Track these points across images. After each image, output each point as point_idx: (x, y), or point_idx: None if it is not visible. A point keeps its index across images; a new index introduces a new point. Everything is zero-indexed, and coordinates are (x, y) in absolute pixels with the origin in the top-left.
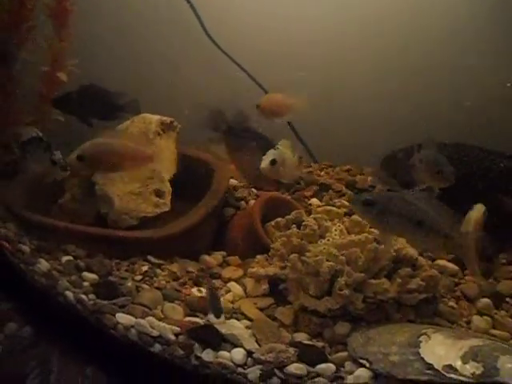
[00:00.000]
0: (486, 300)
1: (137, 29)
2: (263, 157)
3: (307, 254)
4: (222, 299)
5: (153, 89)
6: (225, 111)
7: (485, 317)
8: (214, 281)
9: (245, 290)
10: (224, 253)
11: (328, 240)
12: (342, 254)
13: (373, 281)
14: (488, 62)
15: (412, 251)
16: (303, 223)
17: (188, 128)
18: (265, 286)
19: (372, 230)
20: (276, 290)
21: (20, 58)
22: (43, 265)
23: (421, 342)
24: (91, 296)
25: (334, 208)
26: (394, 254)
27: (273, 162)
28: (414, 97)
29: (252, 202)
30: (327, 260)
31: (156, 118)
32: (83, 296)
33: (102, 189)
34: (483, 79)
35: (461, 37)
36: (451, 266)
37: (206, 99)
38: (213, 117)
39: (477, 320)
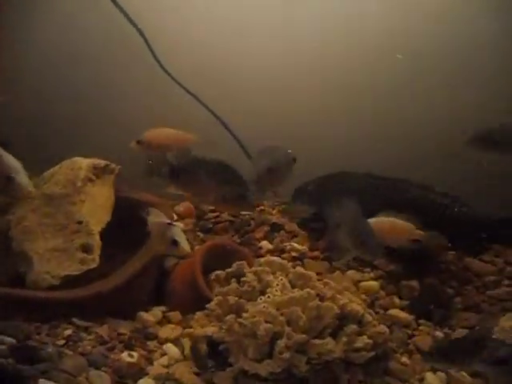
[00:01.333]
0: None
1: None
2: None
3: (244, 314)
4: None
5: (100, 123)
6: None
7: (438, 373)
8: (148, 342)
9: (183, 352)
10: (164, 308)
11: (268, 297)
12: (282, 314)
13: (316, 341)
14: None
15: (358, 307)
16: (242, 279)
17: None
18: (204, 348)
19: (316, 283)
20: (216, 351)
21: None
22: None
23: None
24: (10, 360)
25: (276, 259)
26: (339, 310)
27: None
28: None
29: (197, 248)
30: (266, 321)
31: (86, 162)
32: (1, 360)
33: (20, 246)
34: None
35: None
36: (404, 315)
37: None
38: (150, 165)
39: (430, 377)
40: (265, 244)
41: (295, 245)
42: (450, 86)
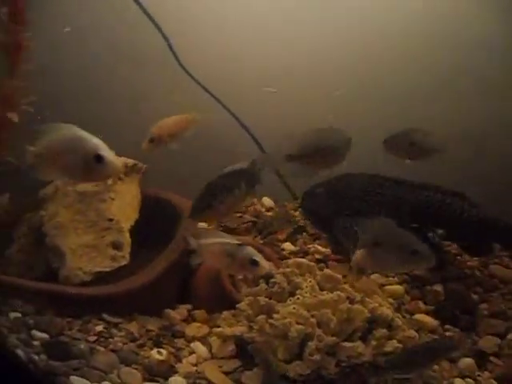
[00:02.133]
0: (468, 360)
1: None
2: None
3: (275, 315)
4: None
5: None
6: None
7: (467, 379)
8: (176, 340)
9: (210, 350)
10: (189, 306)
11: (298, 299)
12: (313, 316)
13: (346, 344)
14: None
15: (388, 311)
16: (271, 280)
17: None
18: (231, 347)
19: (345, 286)
20: (243, 351)
21: None
22: None
23: None
24: (43, 356)
25: (305, 261)
26: (369, 314)
27: None
28: None
29: None
30: (297, 322)
31: None
32: (35, 356)
33: (53, 241)
34: None
35: None
36: (430, 320)
37: None
38: None
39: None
40: (287, 246)
41: (319, 247)
42: None
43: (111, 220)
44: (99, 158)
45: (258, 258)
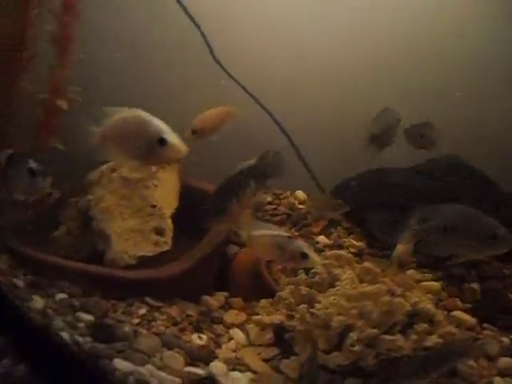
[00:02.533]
0: (507, 359)
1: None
2: None
3: (317, 305)
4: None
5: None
6: None
7: (506, 378)
8: (215, 326)
9: (248, 337)
10: (226, 293)
11: (338, 290)
12: (354, 307)
13: (386, 337)
14: None
15: (429, 305)
16: (312, 270)
17: None
18: (270, 335)
19: (385, 279)
20: (281, 339)
21: None
22: (38, 302)
23: None
24: (87, 339)
25: (343, 253)
26: (410, 308)
27: None
28: None
29: None
30: (338, 313)
31: None
32: (79, 338)
33: (100, 224)
34: None
35: None
36: (468, 318)
37: None
38: None
39: (498, 382)
40: (322, 239)
41: (353, 241)
42: None
43: (154, 206)
44: (162, 141)
45: (309, 251)
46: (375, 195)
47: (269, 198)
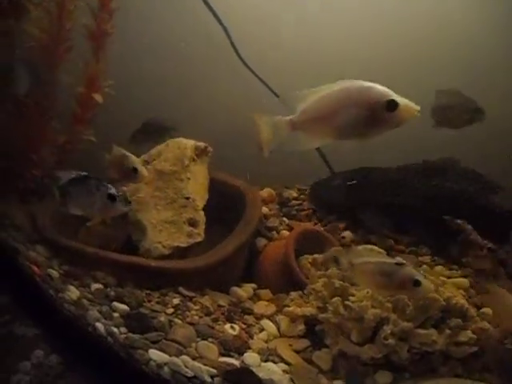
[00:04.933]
0: None
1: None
2: None
3: (351, 298)
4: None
5: (182, 110)
6: None
7: None
8: (246, 317)
9: (278, 329)
10: (254, 285)
11: None
12: (388, 301)
13: (420, 331)
14: None
15: (462, 301)
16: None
17: None
18: (301, 327)
19: None
20: (312, 331)
21: (30, 81)
22: (73, 292)
23: None
24: (122, 329)
25: (375, 247)
26: (444, 303)
27: None
28: None
29: (283, 232)
30: (372, 306)
31: (191, 142)
32: (114, 328)
33: (136, 215)
34: None
35: None
36: None
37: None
38: None
39: None
40: (348, 234)
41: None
42: None
43: (188, 198)
44: (391, 105)
45: (420, 277)
46: (365, 193)
47: (294, 194)
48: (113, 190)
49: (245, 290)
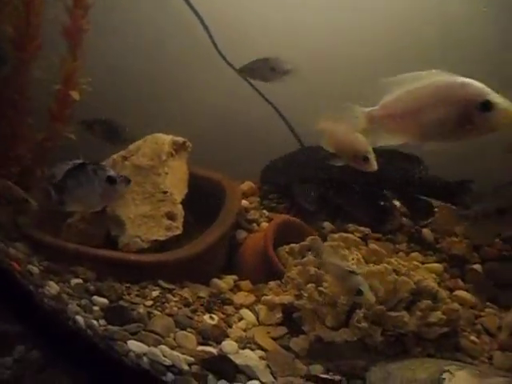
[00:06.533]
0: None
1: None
2: None
3: (324, 284)
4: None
5: (164, 107)
6: None
7: (507, 353)
8: (225, 307)
9: (257, 318)
10: (235, 277)
11: None
12: None
13: (392, 313)
14: None
15: (432, 283)
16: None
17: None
18: (279, 315)
19: (390, 259)
20: (290, 318)
21: (10, 61)
22: (52, 287)
23: (444, 379)
24: (102, 321)
25: (350, 235)
26: (414, 286)
27: None
28: None
29: (264, 224)
30: None
31: (169, 138)
32: (94, 321)
33: (114, 211)
34: None
35: None
36: (470, 296)
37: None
38: None
39: (499, 356)
40: (327, 224)
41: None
42: None
43: (166, 192)
44: (486, 106)
45: (365, 288)
46: (302, 171)
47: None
48: (111, 172)
49: (225, 282)
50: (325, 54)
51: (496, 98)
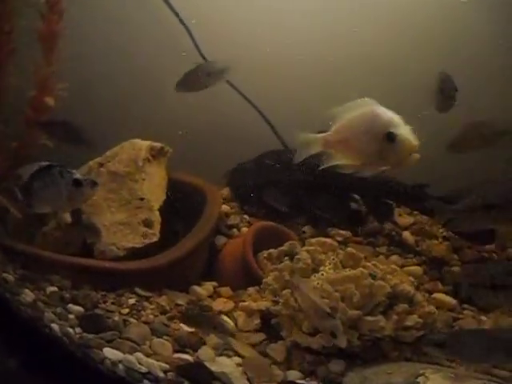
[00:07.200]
0: None
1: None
2: None
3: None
4: None
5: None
6: None
7: None
8: (203, 313)
9: (236, 324)
10: (215, 283)
11: (322, 274)
12: (337, 290)
13: (369, 318)
14: None
15: (409, 287)
16: (296, 257)
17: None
18: (256, 321)
19: (367, 263)
20: (268, 324)
21: None
22: (28, 295)
23: (418, 383)
24: (77, 329)
25: (328, 240)
26: (390, 289)
27: None
28: None
29: (244, 229)
30: (321, 297)
31: (146, 143)
32: (69, 329)
33: (89, 218)
34: None
35: None
36: (449, 299)
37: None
38: None
39: None
40: (308, 229)
41: (340, 230)
42: None
43: (142, 199)
44: (390, 137)
45: (338, 332)
46: (271, 173)
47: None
48: (78, 175)
49: (205, 289)
50: (312, 59)
51: (400, 129)
